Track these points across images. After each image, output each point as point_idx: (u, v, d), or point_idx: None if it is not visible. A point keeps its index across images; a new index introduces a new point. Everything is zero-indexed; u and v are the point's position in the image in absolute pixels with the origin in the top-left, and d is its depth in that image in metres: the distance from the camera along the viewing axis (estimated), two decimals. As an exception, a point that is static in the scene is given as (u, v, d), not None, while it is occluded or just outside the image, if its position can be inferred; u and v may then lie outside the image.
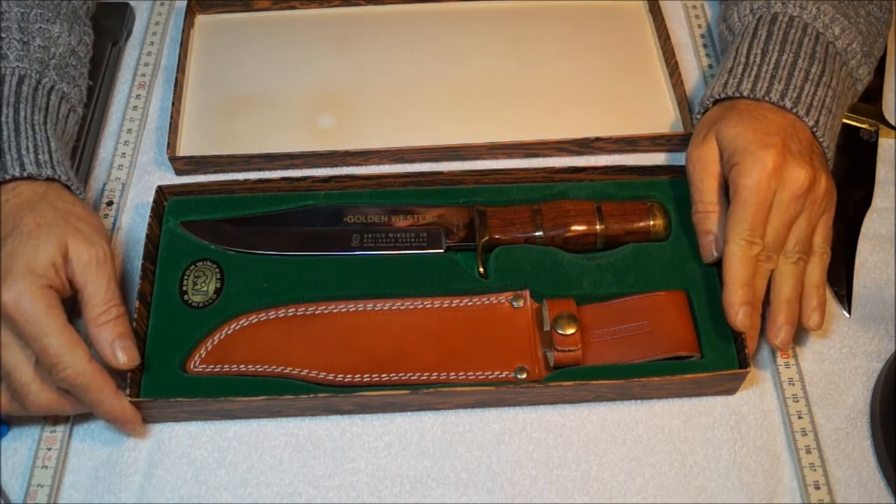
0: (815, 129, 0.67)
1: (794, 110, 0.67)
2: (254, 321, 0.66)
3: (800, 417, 0.65)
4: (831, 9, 0.69)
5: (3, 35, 0.67)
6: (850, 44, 0.69)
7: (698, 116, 0.72)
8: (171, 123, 0.76)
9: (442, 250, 0.70)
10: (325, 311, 0.67)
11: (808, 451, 0.63)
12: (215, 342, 0.66)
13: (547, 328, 0.65)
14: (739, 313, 0.63)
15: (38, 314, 0.57)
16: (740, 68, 0.69)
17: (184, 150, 0.78)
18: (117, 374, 0.62)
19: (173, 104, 0.77)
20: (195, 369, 0.65)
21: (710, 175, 0.68)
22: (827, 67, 0.68)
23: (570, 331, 0.63)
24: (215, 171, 0.76)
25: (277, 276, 0.69)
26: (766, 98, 0.67)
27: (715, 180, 0.68)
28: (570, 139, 0.76)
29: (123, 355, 0.60)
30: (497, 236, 0.70)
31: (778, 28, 0.69)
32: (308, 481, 0.63)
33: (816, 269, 0.66)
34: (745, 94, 0.68)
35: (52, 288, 0.58)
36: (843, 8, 0.70)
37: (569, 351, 0.64)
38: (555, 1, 0.88)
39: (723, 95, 0.69)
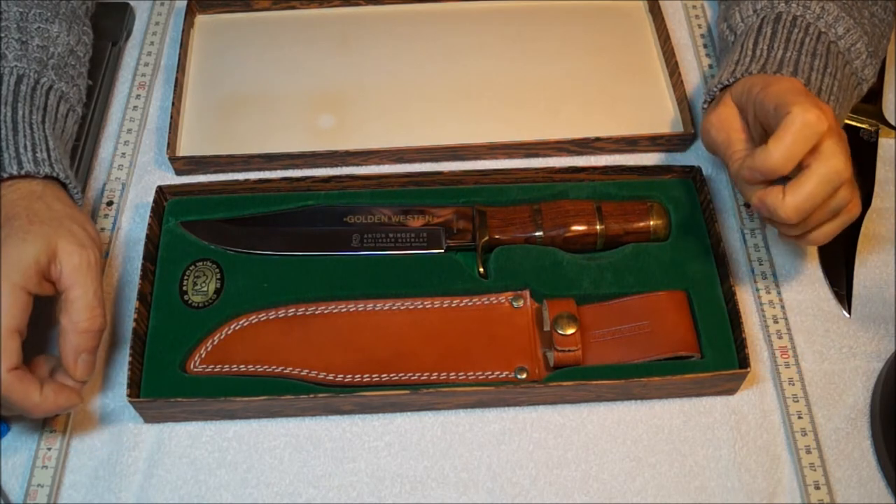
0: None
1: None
2: (254, 321, 0.66)
3: (800, 417, 0.65)
4: (836, 8, 0.69)
5: (2, 34, 0.67)
6: (855, 43, 0.69)
7: (704, 107, 0.71)
8: (171, 123, 0.76)
9: (442, 250, 0.70)
10: (325, 311, 0.67)
11: (808, 451, 0.63)
12: (215, 342, 0.66)
13: (547, 328, 0.65)
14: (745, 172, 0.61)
15: None
16: (747, 59, 0.68)
17: (184, 150, 0.77)
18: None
19: (173, 104, 0.77)
20: (195, 369, 0.65)
21: (735, 129, 0.65)
22: (830, 62, 0.68)
23: (570, 331, 0.63)
24: (215, 171, 0.76)
25: (277, 276, 0.69)
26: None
27: (741, 133, 0.65)
28: (570, 139, 0.76)
29: (83, 368, 0.60)
30: (497, 236, 0.70)
31: (782, 27, 0.69)
32: (308, 481, 0.63)
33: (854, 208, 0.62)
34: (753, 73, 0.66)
35: (24, 289, 0.58)
36: (848, 8, 0.70)
37: (569, 351, 0.64)
38: (555, 1, 0.88)
39: (731, 80, 0.68)
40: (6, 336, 0.57)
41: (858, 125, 0.79)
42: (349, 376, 0.64)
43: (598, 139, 0.76)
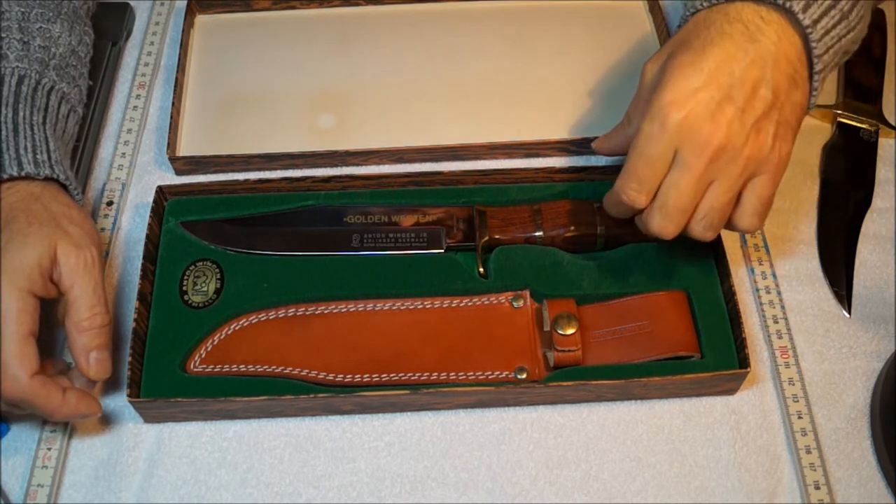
0: (809, 32, 0.58)
1: (788, 5, 0.58)
2: (254, 321, 0.66)
3: (800, 417, 0.65)
4: None
5: (4, 35, 0.67)
6: None
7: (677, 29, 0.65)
8: (171, 123, 0.76)
9: (442, 250, 0.70)
10: (325, 311, 0.67)
11: (808, 451, 0.63)
12: (215, 342, 0.66)
13: (547, 328, 0.65)
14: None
15: (4, 315, 0.56)
16: None
17: (184, 150, 0.78)
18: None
19: (173, 104, 0.77)
20: (195, 369, 0.65)
21: (637, 95, 0.64)
22: None
23: (570, 331, 0.63)
24: (215, 171, 0.76)
25: (277, 276, 0.69)
26: None
27: (639, 101, 0.63)
28: (570, 139, 0.76)
29: (97, 367, 0.60)
30: (497, 236, 0.70)
31: None
32: (308, 481, 0.63)
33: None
34: None
35: (31, 293, 0.58)
36: None
37: (569, 351, 0.64)
38: (555, 1, 0.88)
39: (705, 5, 0.61)
40: (23, 342, 0.57)
41: (858, 125, 0.79)
42: (349, 376, 0.64)
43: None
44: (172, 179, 0.76)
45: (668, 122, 0.57)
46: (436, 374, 0.64)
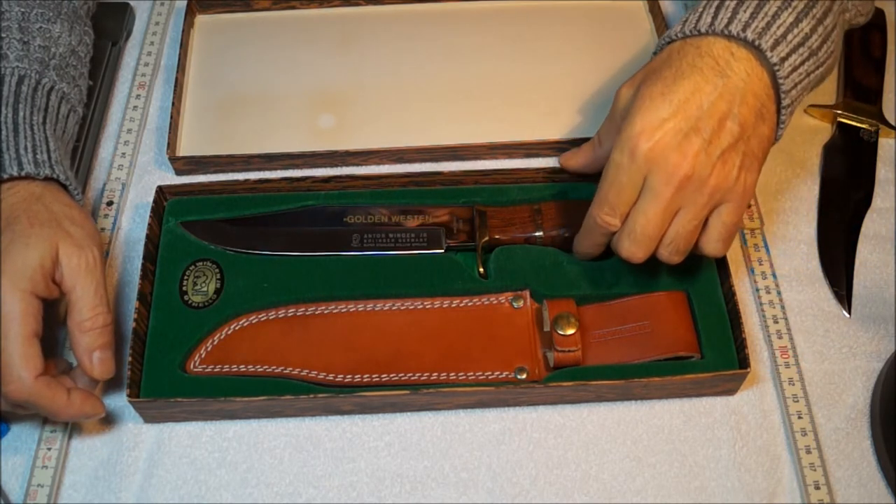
0: (777, 69, 0.60)
1: (757, 43, 0.59)
2: (254, 321, 0.66)
3: (800, 417, 0.65)
4: None
5: (4, 35, 0.67)
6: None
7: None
8: (171, 123, 0.76)
9: (442, 250, 0.70)
10: (325, 311, 0.67)
11: (808, 451, 0.63)
12: (215, 342, 0.66)
13: (547, 328, 0.65)
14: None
15: (7, 316, 0.57)
16: (705, 1, 0.62)
17: (184, 150, 0.78)
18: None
19: (173, 104, 0.77)
20: (195, 369, 0.65)
21: (609, 117, 0.67)
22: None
23: (570, 331, 0.63)
24: (215, 171, 0.76)
25: (277, 276, 0.69)
26: (726, 31, 0.60)
27: (611, 124, 0.66)
28: (570, 139, 0.76)
29: (101, 367, 0.60)
30: (497, 236, 0.70)
31: None
32: (308, 481, 0.63)
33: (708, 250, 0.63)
34: (702, 30, 0.61)
35: (34, 294, 0.58)
36: None
37: (569, 351, 0.64)
38: (555, 1, 0.88)
39: (679, 35, 0.62)
40: (27, 343, 0.57)
41: (858, 125, 0.79)
42: (349, 376, 0.64)
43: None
44: (172, 179, 0.76)
45: (637, 152, 0.59)
46: (436, 374, 0.64)
